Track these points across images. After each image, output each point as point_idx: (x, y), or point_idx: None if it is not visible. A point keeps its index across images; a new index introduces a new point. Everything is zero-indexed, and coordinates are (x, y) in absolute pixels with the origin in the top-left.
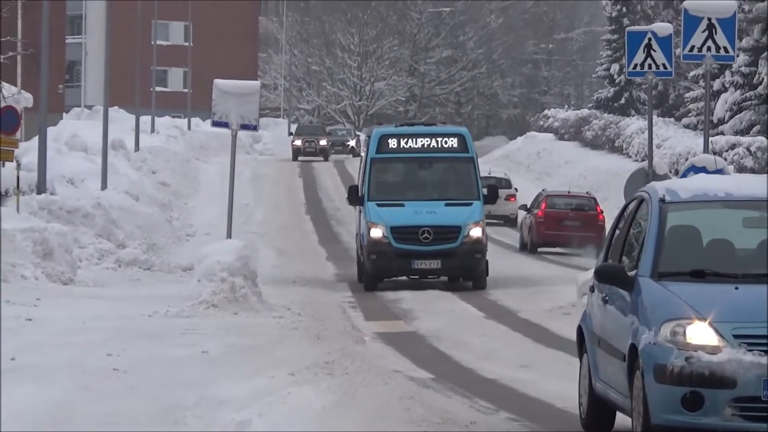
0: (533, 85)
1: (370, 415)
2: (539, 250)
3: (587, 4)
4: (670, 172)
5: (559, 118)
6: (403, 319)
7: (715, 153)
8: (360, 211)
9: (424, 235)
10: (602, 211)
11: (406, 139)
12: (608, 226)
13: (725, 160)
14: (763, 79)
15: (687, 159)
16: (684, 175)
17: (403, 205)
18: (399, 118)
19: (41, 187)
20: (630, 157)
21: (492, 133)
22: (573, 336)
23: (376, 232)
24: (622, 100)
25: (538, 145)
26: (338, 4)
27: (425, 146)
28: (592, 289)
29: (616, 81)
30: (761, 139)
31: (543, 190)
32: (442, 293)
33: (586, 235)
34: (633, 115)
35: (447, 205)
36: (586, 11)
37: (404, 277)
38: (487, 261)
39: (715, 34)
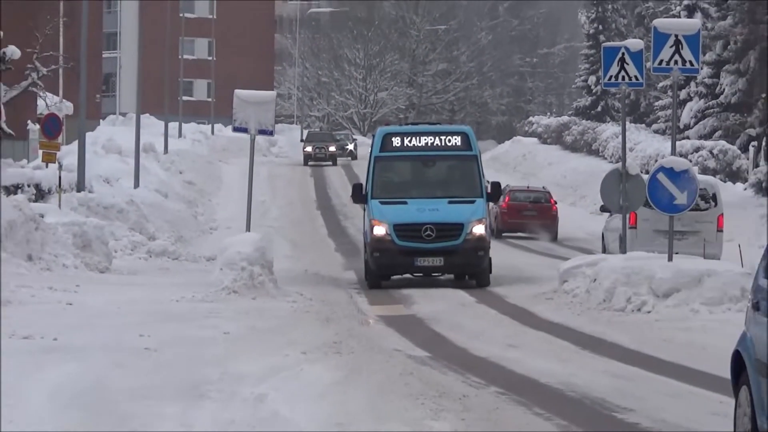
0: (519, 95)
1: (373, 389)
2: (503, 235)
3: (567, 23)
4: (642, 172)
5: (542, 124)
6: (404, 303)
7: (681, 155)
8: (366, 210)
9: (426, 233)
10: (556, 203)
11: (409, 138)
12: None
13: (690, 161)
14: (724, 90)
15: (656, 161)
16: (654, 175)
17: (406, 203)
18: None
19: (81, 186)
20: (606, 159)
21: (482, 137)
22: (554, 318)
23: (380, 230)
24: (599, 108)
25: (524, 148)
26: (345, 23)
27: (429, 144)
28: (756, 307)
29: (593, 91)
30: (722, 143)
31: (507, 185)
32: (438, 281)
33: (542, 223)
34: (608, 122)
35: (450, 202)
36: (567, 29)
37: (409, 275)
38: (490, 258)
39: (682, 49)
